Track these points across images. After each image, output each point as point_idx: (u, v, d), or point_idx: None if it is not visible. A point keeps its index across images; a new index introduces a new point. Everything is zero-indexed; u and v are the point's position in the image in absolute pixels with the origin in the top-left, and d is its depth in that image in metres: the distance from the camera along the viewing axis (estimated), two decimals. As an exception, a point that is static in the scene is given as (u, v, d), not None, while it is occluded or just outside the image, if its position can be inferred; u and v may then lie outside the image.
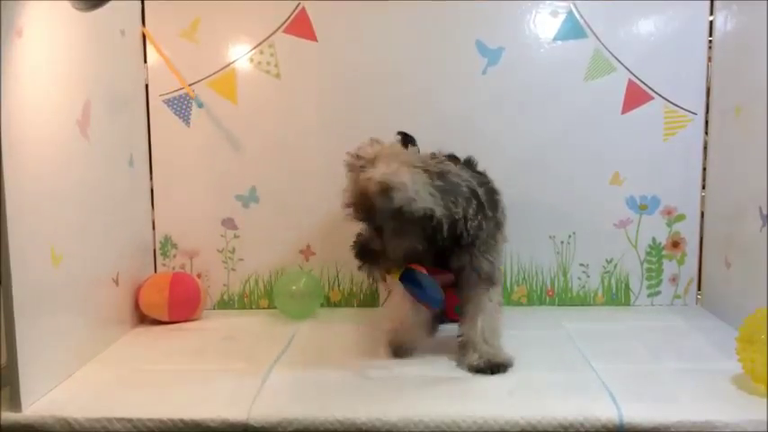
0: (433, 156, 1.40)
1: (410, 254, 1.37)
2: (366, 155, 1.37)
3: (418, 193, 1.29)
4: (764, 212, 1.56)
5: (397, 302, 1.55)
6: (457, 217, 1.34)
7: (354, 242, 1.39)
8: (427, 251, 1.37)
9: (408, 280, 1.40)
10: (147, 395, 1.32)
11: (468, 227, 1.36)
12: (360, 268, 1.39)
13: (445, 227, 1.34)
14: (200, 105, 1.84)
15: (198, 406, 1.25)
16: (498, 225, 1.49)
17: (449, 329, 1.71)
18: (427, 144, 1.86)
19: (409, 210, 1.29)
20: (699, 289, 1.91)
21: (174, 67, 1.83)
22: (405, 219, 1.30)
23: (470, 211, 1.36)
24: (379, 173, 1.29)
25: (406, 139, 1.46)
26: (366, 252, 1.37)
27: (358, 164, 1.37)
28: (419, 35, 1.85)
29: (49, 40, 1.35)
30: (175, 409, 1.23)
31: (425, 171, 1.33)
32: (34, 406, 1.25)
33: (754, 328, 1.27)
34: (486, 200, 1.42)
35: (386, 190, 1.28)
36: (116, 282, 1.66)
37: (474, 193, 1.38)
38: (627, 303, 1.89)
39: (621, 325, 1.72)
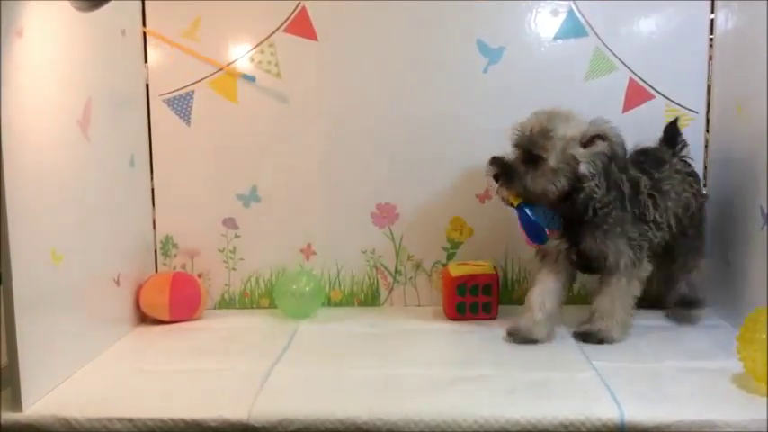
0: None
1: (545, 195, 1.51)
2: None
3: (596, 163, 1.49)
4: (765, 211, 1.56)
5: (532, 297, 1.64)
6: (594, 196, 1.50)
7: (496, 158, 1.53)
8: (554, 203, 1.53)
9: (523, 212, 1.53)
10: (148, 395, 1.32)
11: (598, 208, 1.51)
12: (495, 180, 1.53)
13: (583, 195, 1.50)
14: (252, 79, 1.84)
15: (199, 406, 1.25)
16: (635, 220, 1.56)
17: (454, 330, 1.71)
18: (429, 143, 1.87)
19: (584, 164, 1.48)
20: (700, 287, 1.91)
21: (204, 57, 1.83)
22: (568, 164, 1.48)
23: (606, 199, 1.51)
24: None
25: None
26: (509, 171, 1.51)
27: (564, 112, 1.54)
28: (420, 34, 1.85)
29: (50, 41, 1.35)
30: (176, 408, 1.24)
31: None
32: (35, 406, 1.25)
33: (755, 326, 1.27)
34: (630, 195, 1.55)
35: (596, 138, 1.49)
36: (117, 282, 1.66)
37: (617, 186, 1.53)
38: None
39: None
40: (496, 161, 1.53)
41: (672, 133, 1.73)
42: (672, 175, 1.64)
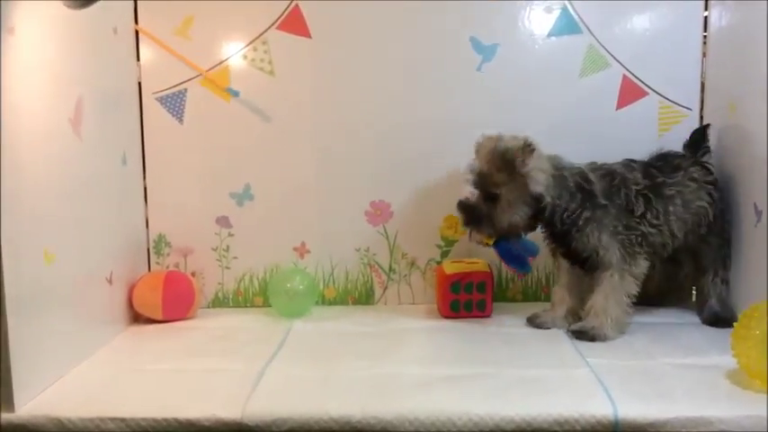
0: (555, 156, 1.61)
1: (513, 228, 1.58)
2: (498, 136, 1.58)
3: (545, 174, 1.53)
4: (759, 208, 1.56)
5: (554, 292, 1.73)
6: (558, 208, 1.56)
7: (462, 204, 1.59)
8: (525, 229, 1.60)
9: (501, 247, 1.65)
10: (141, 395, 1.31)
11: (565, 217, 1.56)
12: (464, 227, 1.62)
13: (547, 213, 1.55)
14: (236, 94, 1.83)
15: (192, 405, 1.24)
16: (620, 214, 1.58)
17: (448, 328, 1.71)
18: (423, 141, 1.87)
19: (531, 183, 1.52)
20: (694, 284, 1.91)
21: (189, 61, 1.82)
22: (521, 192, 1.53)
23: (573, 207, 1.56)
24: (523, 137, 1.53)
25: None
26: (474, 215, 1.57)
27: (493, 139, 1.57)
28: (413, 32, 1.85)
29: (41, 39, 1.34)
30: (169, 408, 1.23)
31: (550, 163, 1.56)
32: (27, 406, 1.24)
33: (750, 323, 1.27)
34: (603, 190, 1.58)
35: (529, 146, 1.51)
36: (109, 281, 1.65)
37: (582, 191, 1.57)
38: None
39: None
40: (461, 206, 1.59)
41: (697, 138, 1.72)
42: (684, 182, 1.64)
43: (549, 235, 1.64)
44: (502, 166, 1.53)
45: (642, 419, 1.17)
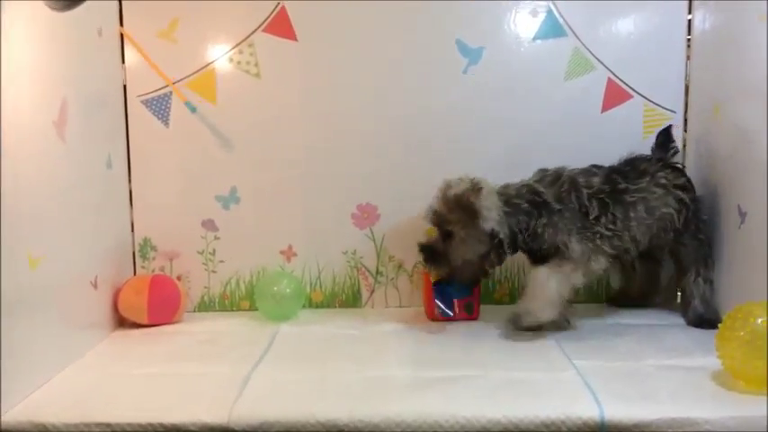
0: (505, 186, 1.64)
1: (467, 265, 1.63)
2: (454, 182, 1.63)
3: (495, 209, 1.57)
4: (743, 210, 1.57)
5: None
6: (519, 228, 1.59)
7: (421, 245, 1.66)
8: (482, 266, 1.65)
9: (439, 288, 1.74)
10: (127, 399, 1.30)
11: (527, 236, 1.60)
12: (424, 266, 1.70)
13: (506, 244, 1.60)
14: (193, 110, 1.82)
15: (178, 410, 1.23)
16: (574, 215, 1.59)
17: (435, 331, 1.71)
18: (409, 144, 1.87)
19: (482, 221, 1.56)
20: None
21: (160, 70, 1.81)
22: (473, 230, 1.57)
23: (533, 223, 1.59)
24: (471, 179, 1.60)
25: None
26: (430, 253, 1.64)
27: (447, 183, 1.63)
28: (400, 35, 1.85)
29: (25, 41, 1.33)
30: (155, 413, 1.22)
31: (499, 197, 1.59)
32: (12, 411, 1.23)
33: (734, 324, 1.27)
34: (554, 195, 1.60)
35: (476, 188, 1.57)
36: (94, 285, 1.64)
37: (536, 204, 1.59)
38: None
39: (602, 323, 1.73)
40: (420, 246, 1.67)
41: (663, 139, 1.73)
42: (650, 189, 1.63)
43: (525, 253, 1.66)
44: (454, 207, 1.58)
45: (628, 421, 1.18)
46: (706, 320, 1.64)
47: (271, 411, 1.22)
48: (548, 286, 1.57)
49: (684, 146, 1.87)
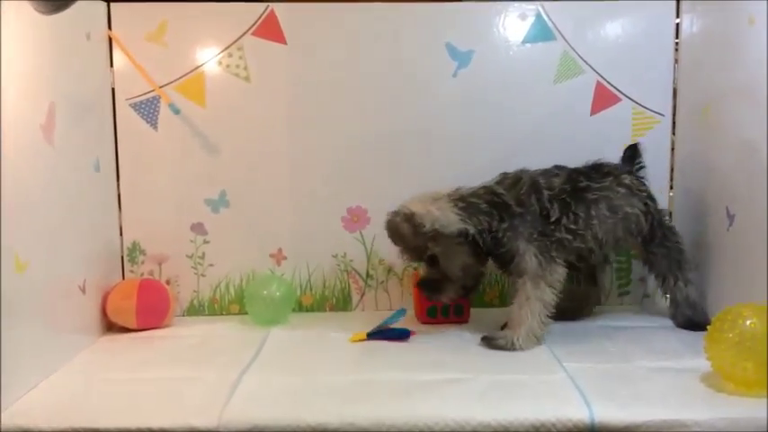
0: (457, 188, 1.62)
1: (466, 269, 1.61)
2: (401, 207, 1.61)
3: (445, 216, 1.54)
4: (731, 212, 1.58)
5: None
6: (481, 228, 1.56)
7: (418, 283, 1.67)
8: (478, 264, 1.62)
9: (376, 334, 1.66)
10: (115, 405, 1.29)
11: (489, 239, 1.57)
12: (429, 299, 1.69)
13: (481, 240, 1.56)
14: (177, 112, 1.81)
15: (167, 415, 1.22)
16: (534, 220, 1.57)
17: (425, 334, 1.71)
18: (399, 146, 1.87)
19: (444, 230, 1.53)
20: (668, 288, 1.93)
21: (146, 73, 1.80)
22: (446, 240, 1.55)
23: (495, 224, 1.56)
24: (402, 212, 1.57)
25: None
26: (430, 286, 1.64)
27: (394, 213, 1.61)
28: (389, 38, 1.85)
29: (12, 44, 1.32)
30: (144, 418, 1.21)
31: (449, 200, 1.57)
32: (-2, 417, 1.22)
33: (722, 326, 1.28)
34: (515, 198, 1.58)
35: (410, 218, 1.55)
36: (82, 289, 1.63)
37: (496, 205, 1.57)
38: (597, 303, 1.90)
39: (592, 325, 1.73)
40: (418, 285, 1.67)
41: (630, 154, 1.74)
42: (613, 187, 1.63)
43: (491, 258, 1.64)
44: (412, 238, 1.56)
45: (618, 423, 1.18)
46: (695, 323, 1.63)
47: (261, 415, 1.22)
48: (531, 311, 1.55)
49: (673, 149, 1.89)
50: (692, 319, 1.66)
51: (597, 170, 1.66)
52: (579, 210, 1.59)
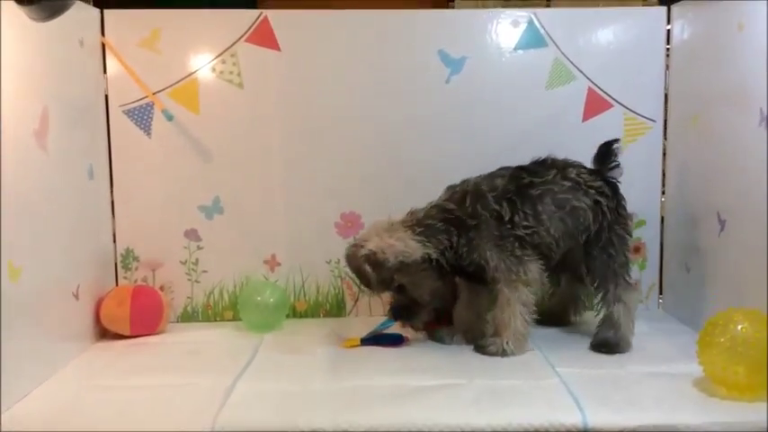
0: (411, 212, 1.61)
1: (435, 293, 1.61)
2: (359, 240, 1.62)
3: (406, 245, 1.53)
4: (722, 218, 1.59)
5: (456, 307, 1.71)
6: (443, 248, 1.55)
7: (390, 311, 1.66)
8: (446, 285, 1.63)
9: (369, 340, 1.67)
10: (109, 412, 1.29)
11: (450, 257, 1.56)
12: (403, 326, 1.67)
13: (444, 260, 1.55)
14: (170, 118, 1.81)
15: (161, 421, 1.22)
16: (490, 223, 1.56)
17: (419, 339, 1.71)
18: (392, 153, 1.87)
19: (408, 260, 1.53)
20: (660, 293, 1.94)
21: (139, 79, 1.80)
22: (411, 269, 1.55)
23: (455, 241, 1.55)
24: (361, 251, 1.56)
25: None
26: (401, 312, 1.64)
27: (354, 249, 1.60)
28: (382, 45, 1.86)
29: (6, 50, 1.32)
30: (137, 424, 1.22)
31: (405, 228, 1.56)
32: (-9, 425, 1.22)
33: (714, 331, 1.29)
34: (465, 211, 1.57)
35: (371, 258, 1.54)
36: (76, 295, 1.63)
37: (451, 222, 1.56)
38: (590, 308, 1.90)
39: (585, 330, 1.74)
40: (390, 314, 1.66)
41: (603, 151, 1.66)
42: (556, 181, 1.59)
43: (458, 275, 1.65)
44: (378, 273, 1.55)
45: (611, 427, 1.19)
46: (608, 344, 1.57)
47: (254, 421, 1.22)
48: (512, 314, 1.54)
49: (664, 154, 1.90)
50: (608, 341, 1.58)
51: (542, 165, 1.63)
52: (526, 207, 1.56)
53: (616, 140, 1.67)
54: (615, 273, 1.61)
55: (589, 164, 1.68)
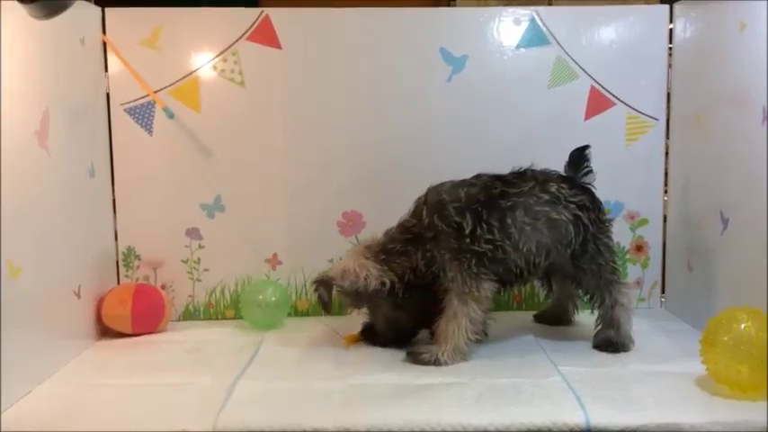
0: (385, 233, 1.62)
1: (391, 323, 1.61)
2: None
3: (366, 273, 1.55)
4: (724, 216, 1.59)
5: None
6: (402, 272, 1.55)
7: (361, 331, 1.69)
8: (406, 316, 1.60)
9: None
10: (110, 410, 1.29)
11: (412, 278, 1.56)
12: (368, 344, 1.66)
13: (400, 288, 1.55)
14: (171, 116, 1.81)
15: (162, 420, 1.22)
16: (449, 235, 1.52)
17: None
18: (394, 151, 1.87)
19: (362, 290, 1.55)
20: (663, 292, 1.94)
21: (140, 78, 1.80)
22: (367, 297, 1.57)
23: (414, 259, 1.55)
24: (321, 278, 1.61)
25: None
26: (366, 332, 1.67)
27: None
28: (384, 43, 1.86)
29: (6, 50, 1.32)
30: (139, 423, 1.21)
31: (372, 254, 1.58)
32: (-7, 423, 1.22)
33: (717, 330, 1.29)
34: (424, 224, 1.55)
35: (324, 283, 1.59)
36: (77, 294, 1.63)
37: (409, 241, 1.56)
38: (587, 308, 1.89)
39: (588, 329, 1.73)
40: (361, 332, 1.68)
41: (576, 158, 1.64)
42: (535, 193, 1.54)
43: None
44: (343, 296, 1.61)
45: (613, 426, 1.18)
46: (613, 344, 1.57)
47: (256, 420, 1.21)
48: (457, 327, 1.50)
49: (667, 153, 1.89)
50: (611, 340, 1.57)
51: (521, 176, 1.58)
52: (492, 219, 1.50)
53: (587, 147, 1.64)
54: (608, 280, 1.59)
55: (592, 162, 1.67)
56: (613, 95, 1.87)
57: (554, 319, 1.79)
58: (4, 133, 1.30)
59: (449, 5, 3.10)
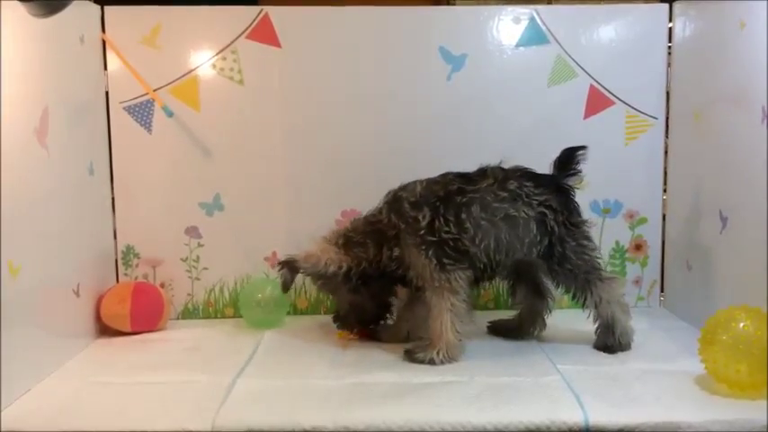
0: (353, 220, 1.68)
1: (353, 306, 1.66)
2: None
3: (326, 256, 1.60)
4: (724, 215, 1.59)
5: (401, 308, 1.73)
6: (358, 263, 1.59)
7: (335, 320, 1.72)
8: (368, 300, 1.65)
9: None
10: (109, 409, 1.29)
11: (372, 269, 1.59)
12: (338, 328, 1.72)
13: (356, 276, 1.59)
14: (170, 114, 1.81)
15: (161, 418, 1.22)
16: (399, 237, 1.55)
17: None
18: (393, 149, 1.87)
19: (321, 273, 1.60)
20: (662, 291, 1.94)
21: (139, 76, 1.80)
22: (326, 280, 1.62)
23: (371, 252, 1.58)
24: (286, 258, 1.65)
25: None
26: (335, 316, 1.71)
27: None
28: (383, 41, 1.86)
29: (5, 48, 1.32)
30: (137, 422, 1.21)
31: (334, 240, 1.63)
32: (-9, 422, 1.22)
33: (716, 329, 1.29)
34: (386, 221, 1.58)
35: (288, 264, 1.63)
36: (77, 293, 1.62)
37: (369, 234, 1.60)
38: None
39: (586, 327, 1.73)
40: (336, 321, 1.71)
41: (564, 158, 1.61)
42: (493, 191, 1.52)
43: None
44: (293, 276, 1.65)
45: (612, 425, 1.19)
46: (609, 347, 1.56)
47: (255, 419, 1.21)
48: (443, 324, 1.50)
49: (666, 152, 1.89)
50: (609, 346, 1.56)
51: (481, 174, 1.57)
52: (449, 213, 1.50)
53: (581, 147, 1.60)
54: (586, 280, 1.56)
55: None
56: (613, 94, 1.87)
57: (510, 333, 1.71)
58: (4, 131, 1.30)
59: (448, 4, 3.10)
